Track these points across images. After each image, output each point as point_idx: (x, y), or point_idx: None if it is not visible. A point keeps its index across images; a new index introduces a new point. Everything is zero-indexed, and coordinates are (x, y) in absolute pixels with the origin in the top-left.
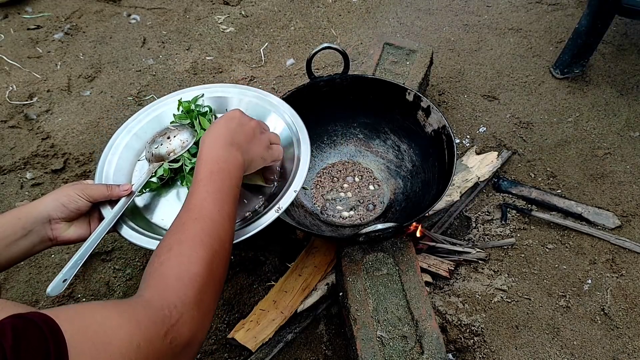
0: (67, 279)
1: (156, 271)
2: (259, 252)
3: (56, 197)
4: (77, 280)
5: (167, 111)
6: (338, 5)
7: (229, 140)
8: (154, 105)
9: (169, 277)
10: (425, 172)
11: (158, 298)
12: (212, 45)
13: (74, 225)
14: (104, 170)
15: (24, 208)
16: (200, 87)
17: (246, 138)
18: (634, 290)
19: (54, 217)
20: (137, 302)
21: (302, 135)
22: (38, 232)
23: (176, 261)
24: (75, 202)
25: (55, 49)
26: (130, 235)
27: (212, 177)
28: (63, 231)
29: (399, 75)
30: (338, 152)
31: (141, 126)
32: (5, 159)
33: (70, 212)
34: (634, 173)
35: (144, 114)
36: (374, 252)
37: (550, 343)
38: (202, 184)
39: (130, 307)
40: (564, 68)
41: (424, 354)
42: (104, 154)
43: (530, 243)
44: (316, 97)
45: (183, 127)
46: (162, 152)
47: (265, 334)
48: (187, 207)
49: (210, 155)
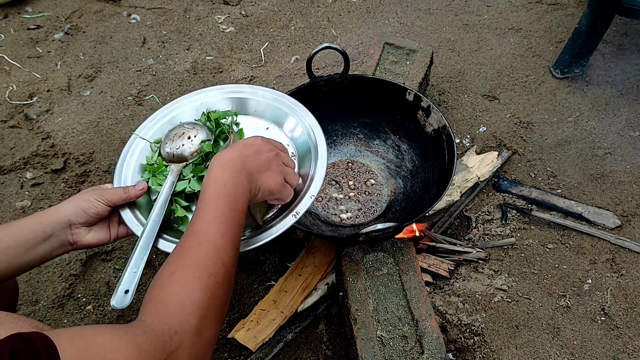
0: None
1: (157, 296)
2: (259, 252)
3: (76, 202)
4: (77, 280)
5: (180, 114)
6: (338, 5)
7: (239, 166)
8: (168, 108)
9: (171, 303)
10: (425, 172)
11: (159, 323)
12: (212, 45)
13: (94, 230)
14: (123, 174)
15: (44, 213)
16: (216, 88)
17: (258, 167)
18: (634, 290)
19: (74, 222)
20: (138, 327)
21: (319, 141)
22: (58, 236)
23: (179, 287)
24: (95, 207)
25: (55, 49)
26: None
27: (218, 201)
28: (83, 236)
29: (399, 75)
30: (338, 152)
31: (157, 128)
32: (5, 158)
33: (89, 217)
34: (634, 173)
35: (159, 116)
36: (374, 252)
37: (551, 343)
38: (207, 208)
39: (130, 331)
40: (564, 68)
41: (424, 354)
42: (121, 158)
43: (530, 243)
44: (316, 97)
45: (199, 127)
46: (186, 153)
47: (265, 334)
48: (191, 230)
49: (218, 180)
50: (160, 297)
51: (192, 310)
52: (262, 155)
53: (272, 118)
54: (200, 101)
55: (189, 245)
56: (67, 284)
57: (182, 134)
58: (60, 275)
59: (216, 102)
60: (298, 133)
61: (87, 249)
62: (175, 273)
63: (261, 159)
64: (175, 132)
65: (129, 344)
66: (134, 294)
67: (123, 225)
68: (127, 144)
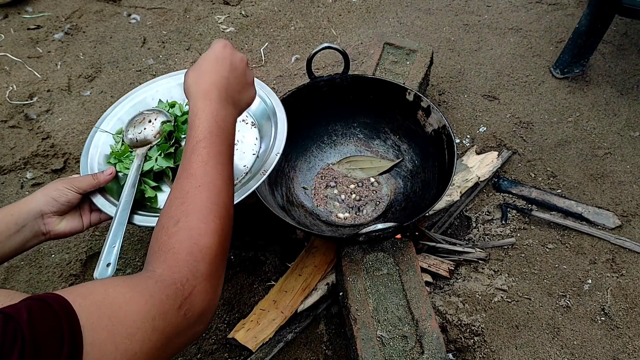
0: (111, 263)
1: (165, 245)
2: (259, 252)
3: (46, 192)
4: (77, 280)
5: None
6: (338, 5)
7: (224, 93)
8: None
9: (180, 251)
10: (425, 172)
11: (169, 273)
12: None
13: (66, 219)
14: (88, 165)
15: (16, 205)
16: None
17: (239, 86)
18: (634, 290)
19: (45, 211)
20: (149, 277)
21: (275, 103)
22: (31, 227)
23: (186, 235)
24: (66, 195)
25: (55, 49)
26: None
27: (212, 138)
28: (55, 225)
29: (399, 75)
30: (338, 152)
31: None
32: (5, 158)
33: (61, 206)
34: (634, 173)
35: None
36: (374, 252)
37: (551, 343)
38: (201, 146)
39: (142, 282)
40: (564, 68)
41: (424, 354)
42: (84, 151)
43: (530, 243)
44: (316, 97)
45: (158, 111)
46: (149, 136)
47: (265, 334)
48: (187, 172)
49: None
50: (167, 245)
51: (202, 257)
52: (237, 69)
53: None
54: (155, 89)
55: (188, 189)
56: (67, 284)
57: (143, 120)
58: (60, 276)
59: (171, 88)
60: (255, 104)
61: (60, 239)
62: (180, 220)
63: (238, 75)
64: (136, 119)
65: (142, 295)
66: (115, 266)
67: (95, 212)
68: (89, 137)
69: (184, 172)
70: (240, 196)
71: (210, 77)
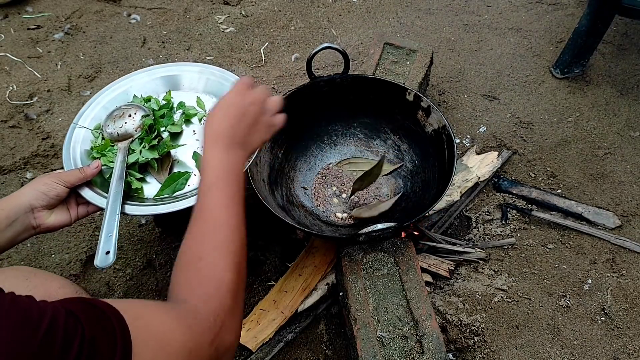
0: (110, 251)
1: (193, 279)
2: (259, 252)
3: (35, 186)
4: (78, 280)
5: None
6: (338, 5)
7: (230, 139)
8: (99, 96)
9: (208, 285)
10: (425, 172)
11: (203, 306)
12: (212, 45)
13: (55, 212)
14: (71, 161)
15: (5, 200)
16: (143, 70)
17: (248, 129)
18: (634, 290)
19: (35, 205)
20: (187, 310)
21: None
22: (22, 221)
23: (211, 270)
24: (55, 189)
25: (55, 49)
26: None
27: (219, 183)
28: (45, 219)
29: (399, 75)
30: (338, 152)
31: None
32: (5, 158)
33: (50, 200)
34: (634, 173)
35: (92, 105)
36: (374, 252)
37: (551, 343)
38: (212, 191)
39: (182, 313)
40: (564, 68)
41: (424, 354)
42: (65, 147)
43: (530, 243)
44: (316, 97)
45: (136, 105)
46: (130, 130)
47: (265, 334)
48: (202, 216)
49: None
50: (196, 280)
51: (226, 291)
52: (247, 115)
53: (206, 89)
54: (130, 84)
55: (205, 231)
56: None
57: (122, 114)
58: (60, 275)
59: (145, 84)
60: None
61: (50, 232)
62: (203, 258)
63: (248, 119)
64: (115, 113)
65: (183, 325)
66: (115, 254)
67: (82, 205)
68: (67, 134)
69: (200, 215)
70: None
71: (219, 125)
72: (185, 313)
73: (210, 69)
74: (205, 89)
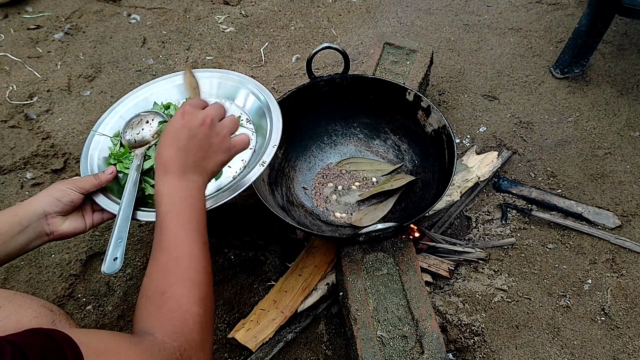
0: (118, 257)
1: (157, 313)
2: (259, 252)
3: (50, 192)
4: (78, 280)
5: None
6: (338, 5)
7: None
8: (119, 104)
9: (174, 319)
10: (425, 172)
11: (170, 340)
12: (212, 45)
13: (69, 219)
14: (88, 167)
15: (19, 206)
16: (163, 78)
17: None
18: (634, 290)
19: (49, 212)
20: (153, 344)
21: (269, 99)
22: (35, 227)
23: (175, 304)
24: (69, 195)
25: (55, 49)
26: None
27: (175, 209)
28: (59, 225)
29: (399, 75)
30: (338, 152)
31: (113, 123)
32: (5, 158)
33: (64, 206)
34: (634, 173)
35: (112, 112)
36: (374, 252)
37: (551, 343)
38: (168, 219)
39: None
40: (564, 68)
41: (424, 354)
42: (83, 154)
43: (530, 243)
44: (316, 97)
45: (154, 112)
46: (147, 136)
47: (265, 334)
48: (161, 246)
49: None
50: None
51: (193, 325)
52: (197, 137)
53: (224, 95)
54: (150, 92)
55: (166, 262)
56: (67, 284)
57: (140, 121)
58: (60, 275)
59: (165, 91)
60: (250, 102)
61: (63, 239)
62: (167, 291)
63: (198, 141)
64: (133, 120)
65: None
66: (122, 260)
67: (97, 212)
68: (87, 140)
69: (158, 246)
70: (239, 189)
71: (168, 150)
72: (150, 348)
73: (229, 75)
74: (225, 95)
